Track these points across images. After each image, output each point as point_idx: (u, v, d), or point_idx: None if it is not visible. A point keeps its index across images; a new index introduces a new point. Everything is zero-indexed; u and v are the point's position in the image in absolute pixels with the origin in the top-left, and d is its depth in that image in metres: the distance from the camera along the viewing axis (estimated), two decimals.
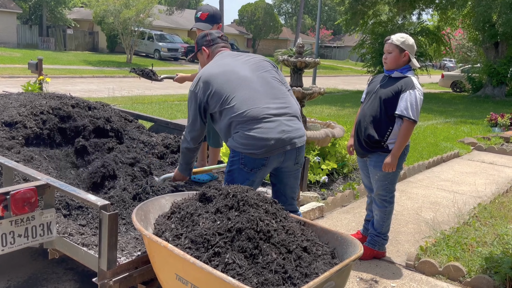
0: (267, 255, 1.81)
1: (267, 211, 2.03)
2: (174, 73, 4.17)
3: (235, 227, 1.89)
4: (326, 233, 2.15)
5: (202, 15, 3.26)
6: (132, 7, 22.22)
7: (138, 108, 9.76)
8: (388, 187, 3.26)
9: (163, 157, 3.67)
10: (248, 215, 1.94)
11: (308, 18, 57.69)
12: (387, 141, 3.14)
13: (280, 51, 22.67)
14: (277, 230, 1.93)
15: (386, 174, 3.20)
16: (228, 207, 2.05)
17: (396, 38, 3.15)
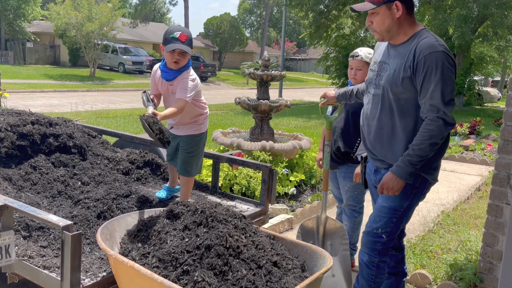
0: (237, 271, 1.78)
1: (237, 226, 2.01)
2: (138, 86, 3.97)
3: (204, 244, 1.86)
4: (295, 246, 2.14)
5: (182, 35, 2.87)
6: (95, 20, 21.88)
7: (102, 123, 9.56)
8: (357, 198, 3.29)
9: (128, 173, 3.59)
10: (217, 231, 1.91)
11: (273, 31, 58.45)
12: (356, 153, 3.18)
13: (246, 64, 22.83)
14: (246, 246, 1.91)
15: (356, 184, 3.23)
16: (196, 224, 2.01)
17: (365, 55, 3.13)
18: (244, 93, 21.22)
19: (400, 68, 2.18)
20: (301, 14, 21.27)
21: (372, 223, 2.41)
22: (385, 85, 2.24)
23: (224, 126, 9.34)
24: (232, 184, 4.70)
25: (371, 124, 2.35)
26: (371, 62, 2.47)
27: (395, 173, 2.20)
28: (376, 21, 2.21)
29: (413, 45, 2.17)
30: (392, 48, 2.29)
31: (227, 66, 44.08)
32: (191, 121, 3.13)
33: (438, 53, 2.09)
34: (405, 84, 2.17)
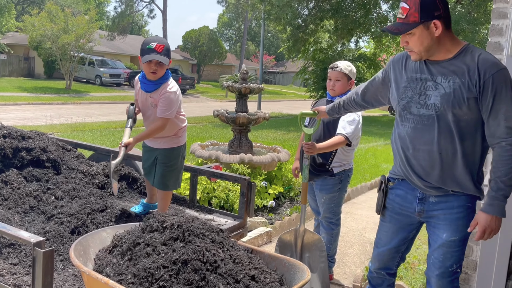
0: (214, 286, 1.75)
1: (214, 240, 1.98)
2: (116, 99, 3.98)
3: (180, 259, 1.83)
4: (273, 260, 2.13)
5: (158, 46, 2.85)
6: (72, 32, 21.62)
7: (78, 136, 9.39)
8: (334, 210, 3.31)
9: (104, 187, 3.52)
10: (194, 245, 1.88)
11: (252, 45, 58.89)
12: (332, 165, 3.20)
13: (225, 77, 22.90)
14: (224, 260, 1.88)
15: (332, 197, 3.25)
16: (173, 239, 1.98)
17: (344, 67, 3.22)
18: (223, 105, 21.24)
19: (462, 87, 1.97)
20: (279, 28, 21.51)
21: (443, 263, 2.14)
22: (442, 106, 2.00)
23: (203, 139, 9.30)
24: (210, 197, 4.66)
25: (423, 148, 2.09)
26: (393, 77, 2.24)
27: (493, 213, 1.96)
28: (413, 42, 2.02)
29: (468, 62, 1.97)
30: (433, 65, 2.07)
31: (206, 79, 44.09)
32: (170, 134, 3.11)
33: (504, 70, 1.94)
34: (470, 105, 1.97)
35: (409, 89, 2.13)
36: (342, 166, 3.23)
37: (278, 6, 17.08)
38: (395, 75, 2.23)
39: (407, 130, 2.14)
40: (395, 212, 2.29)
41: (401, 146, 2.19)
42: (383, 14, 19.61)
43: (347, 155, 3.25)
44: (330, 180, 3.22)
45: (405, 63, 2.20)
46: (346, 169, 3.27)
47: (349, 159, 3.29)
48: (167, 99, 2.90)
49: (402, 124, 2.17)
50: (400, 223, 2.30)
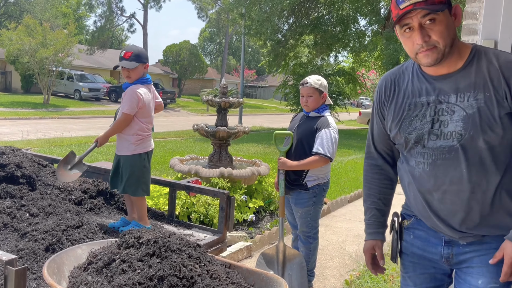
0: None
1: (191, 255, 1.97)
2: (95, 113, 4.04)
3: (156, 275, 1.81)
4: (251, 274, 2.12)
5: (125, 53, 3.18)
6: (50, 46, 21.39)
7: (55, 151, 9.24)
8: (310, 224, 3.32)
9: (81, 203, 3.47)
10: (171, 261, 1.87)
11: (233, 59, 59.22)
12: (305, 179, 3.22)
13: (206, 91, 22.93)
14: (201, 275, 1.87)
15: (307, 210, 3.27)
16: (149, 255, 1.96)
17: (314, 81, 3.24)
18: (204, 120, 21.22)
19: (488, 103, 1.49)
20: (259, 43, 21.72)
21: None
22: (467, 132, 1.52)
23: (183, 153, 9.24)
24: (190, 212, 4.62)
25: (449, 189, 1.57)
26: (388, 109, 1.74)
27: None
28: (438, 32, 1.50)
29: (486, 68, 1.51)
30: (439, 80, 1.60)
31: (187, 93, 44.04)
32: (125, 137, 3.21)
33: None
34: (505, 124, 1.49)
35: (415, 119, 1.64)
36: (316, 180, 3.25)
37: (258, 21, 17.28)
38: (389, 107, 1.72)
39: (423, 168, 1.62)
40: (417, 257, 1.78)
41: (417, 189, 1.67)
42: (361, 30, 20.03)
43: (322, 169, 3.26)
44: (305, 194, 3.24)
45: (397, 87, 1.72)
46: (321, 183, 3.28)
47: (324, 173, 3.31)
48: (127, 94, 3.15)
49: (414, 160, 1.66)
50: (426, 269, 1.77)
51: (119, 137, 3.24)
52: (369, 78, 25.65)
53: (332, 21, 19.42)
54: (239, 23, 19.81)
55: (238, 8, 18.36)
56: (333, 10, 19.23)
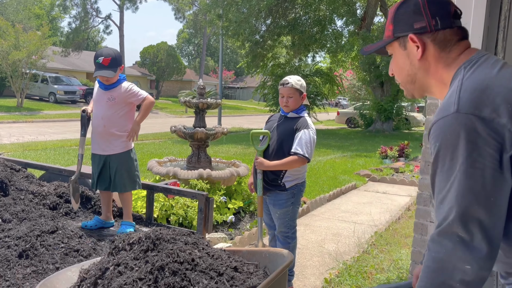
0: (197, 283, 1.68)
1: (187, 242, 1.89)
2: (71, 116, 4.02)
3: (156, 267, 1.74)
4: (253, 255, 2.03)
5: (104, 60, 3.13)
6: (23, 49, 20.90)
7: (30, 156, 9.03)
8: (289, 223, 3.32)
9: (56, 208, 3.40)
10: (167, 250, 1.81)
11: (211, 60, 59.02)
12: (283, 179, 3.22)
13: (184, 92, 22.76)
14: (202, 257, 1.81)
15: (286, 211, 3.27)
16: (143, 251, 1.89)
17: (295, 82, 3.23)
18: (183, 121, 21.07)
19: None
20: (237, 44, 21.70)
21: None
22: None
23: (161, 155, 9.16)
24: (168, 214, 4.58)
25: None
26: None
27: None
28: (394, 68, 1.36)
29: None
30: None
31: (165, 95, 43.67)
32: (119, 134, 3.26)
33: (447, 119, 1.09)
34: None
35: None
36: (294, 181, 3.24)
37: (236, 22, 17.26)
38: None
39: None
40: None
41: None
42: (338, 30, 20.23)
43: (300, 170, 3.26)
44: (283, 195, 3.23)
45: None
46: (299, 183, 3.28)
47: (302, 174, 3.31)
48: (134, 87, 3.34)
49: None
50: None
51: (109, 137, 3.26)
52: (347, 79, 25.94)
53: (309, 22, 19.55)
54: (217, 24, 19.74)
55: (216, 9, 18.30)
56: (310, 11, 19.36)
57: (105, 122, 3.25)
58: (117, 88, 3.26)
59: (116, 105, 3.25)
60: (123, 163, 3.30)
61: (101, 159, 3.29)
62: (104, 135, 3.25)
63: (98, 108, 3.28)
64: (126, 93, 3.27)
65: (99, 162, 3.30)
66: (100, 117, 3.26)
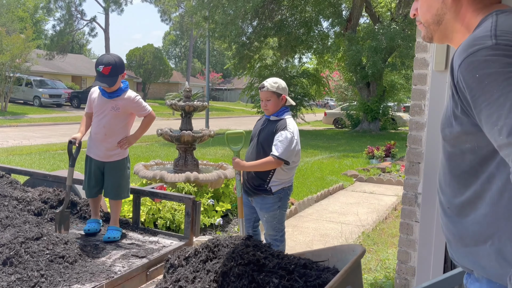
0: (267, 283, 1.58)
1: (247, 245, 1.81)
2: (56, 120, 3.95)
3: (219, 273, 1.65)
4: (318, 256, 1.87)
5: (104, 69, 3.02)
6: (6, 52, 20.62)
7: (14, 161, 8.90)
8: (277, 227, 3.33)
9: (41, 214, 3.36)
10: (228, 255, 1.72)
11: (198, 62, 58.89)
12: (270, 184, 3.22)
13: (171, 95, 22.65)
14: (267, 258, 1.72)
15: (273, 215, 3.27)
16: (203, 262, 1.81)
17: (271, 85, 3.22)
18: (170, 124, 20.97)
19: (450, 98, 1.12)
20: (224, 46, 21.70)
21: None
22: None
23: (148, 159, 9.11)
24: (155, 218, 4.56)
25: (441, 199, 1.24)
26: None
27: None
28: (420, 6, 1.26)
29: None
30: None
31: (152, 97, 43.44)
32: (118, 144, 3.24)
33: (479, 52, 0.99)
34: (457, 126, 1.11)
35: None
36: (281, 185, 3.24)
37: (222, 24, 17.25)
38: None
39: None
40: None
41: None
42: (324, 32, 20.35)
43: (287, 173, 3.26)
44: (270, 199, 3.23)
45: None
46: (285, 187, 3.28)
47: (289, 177, 3.30)
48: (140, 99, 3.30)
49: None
50: None
51: (108, 145, 3.21)
52: (333, 79, 26.10)
53: (295, 23, 19.64)
54: (203, 26, 19.71)
55: (202, 11, 18.27)
56: (296, 12, 19.45)
57: (106, 131, 3.19)
58: (122, 98, 3.18)
59: (120, 115, 3.20)
60: (118, 171, 3.27)
61: (97, 164, 3.26)
62: (103, 143, 3.20)
63: (101, 116, 3.20)
64: (132, 104, 3.22)
65: (93, 166, 3.27)
66: (102, 126, 3.19)
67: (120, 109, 3.18)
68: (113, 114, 3.18)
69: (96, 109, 3.24)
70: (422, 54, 2.87)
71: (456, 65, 1.05)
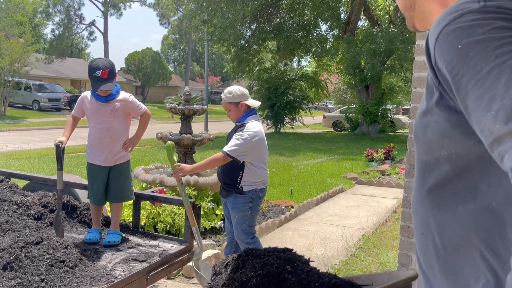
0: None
1: (279, 257, 1.74)
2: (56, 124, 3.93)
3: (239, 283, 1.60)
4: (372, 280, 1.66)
5: (103, 73, 3.07)
6: (5, 56, 20.64)
7: (13, 165, 8.89)
8: (247, 230, 3.36)
9: (41, 218, 3.35)
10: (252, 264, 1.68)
11: (197, 66, 58.96)
12: (241, 183, 3.28)
13: (170, 98, 22.69)
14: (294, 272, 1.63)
15: (244, 216, 3.31)
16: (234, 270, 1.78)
17: (226, 96, 3.36)
18: (169, 127, 20.98)
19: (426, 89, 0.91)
20: (223, 49, 21.73)
21: None
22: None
23: (147, 163, 9.10)
24: (156, 222, 4.55)
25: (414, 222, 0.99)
26: None
27: None
28: None
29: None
30: None
31: (151, 101, 43.46)
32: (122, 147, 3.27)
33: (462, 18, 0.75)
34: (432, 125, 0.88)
35: None
36: (252, 186, 3.30)
37: (221, 27, 17.29)
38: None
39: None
40: None
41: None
42: (323, 34, 20.40)
43: (257, 175, 3.31)
44: (241, 198, 3.29)
45: None
46: (258, 189, 3.32)
47: (261, 180, 3.36)
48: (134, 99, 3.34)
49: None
50: None
51: (114, 148, 3.22)
52: (332, 82, 26.14)
53: (294, 26, 19.69)
54: (202, 29, 19.75)
55: (200, 15, 18.31)
56: (294, 15, 19.50)
57: (111, 134, 3.21)
58: (117, 99, 3.22)
59: (119, 116, 3.24)
60: (124, 173, 3.31)
61: (104, 170, 3.27)
62: (109, 146, 3.22)
63: (102, 120, 3.21)
64: (128, 103, 3.26)
65: (99, 172, 3.27)
66: (105, 129, 3.20)
67: (118, 111, 3.21)
68: (112, 117, 3.21)
69: (93, 116, 3.23)
70: (422, 57, 2.88)
71: (432, 41, 0.81)
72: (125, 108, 3.26)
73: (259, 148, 3.28)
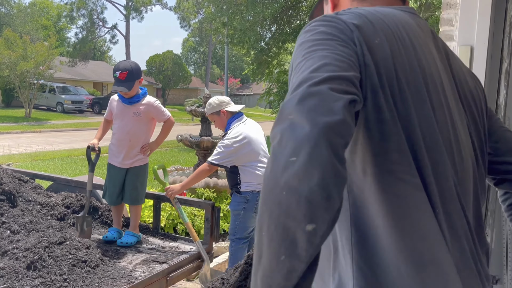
0: None
1: None
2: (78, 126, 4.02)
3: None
4: None
5: (121, 74, 3.11)
6: (31, 59, 21.14)
7: (37, 166, 9.09)
8: (237, 227, 3.40)
9: (64, 218, 3.42)
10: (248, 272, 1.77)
11: (217, 68, 59.32)
12: (240, 184, 3.35)
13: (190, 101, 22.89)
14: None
15: (237, 214, 3.37)
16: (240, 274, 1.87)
17: (207, 109, 3.52)
18: (189, 129, 21.15)
19: None
20: (243, 52, 21.79)
21: None
22: None
23: (168, 164, 9.19)
24: (175, 223, 4.59)
25: None
26: None
27: None
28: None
29: None
30: None
31: (171, 103, 43.89)
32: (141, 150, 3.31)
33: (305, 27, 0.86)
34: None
35: None
36: (251, 187, 3.32)
37: (241, 30, 17.34)
38: None
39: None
40: None
41: None
42: None
43: (256, 175, 3.32)
44: (238, 197, 3.35)
45: None
46: (255, 190, 3.33)
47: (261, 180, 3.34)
48: (160, 104, 3.36)
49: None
50: None
51: (132, 150, 3.27)
52: None
53: None
54: (222, 32, 19.85)
55: (220, 18, 18.40)
56: None
57: (131, 137, 3.24)
58: (142, 103, 3.24)
59: (142, 120, 3.26)
60: (140, 176, 3.33)
61: (121, 171, 3.31)
62: (127, 149, 3.25)
63: (124, 122, 3.25)
64: (153, 109, 3.27)
65: (116, 173, 3.31)
66: (126, 132, 3.24)
67: (141, 114, 3.23)
68: (135, 120, 3.23)
69: (117, 116, 3.28)
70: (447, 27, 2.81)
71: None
72: (148, 112, 3.27)
73: (245, 150, 3.30)
